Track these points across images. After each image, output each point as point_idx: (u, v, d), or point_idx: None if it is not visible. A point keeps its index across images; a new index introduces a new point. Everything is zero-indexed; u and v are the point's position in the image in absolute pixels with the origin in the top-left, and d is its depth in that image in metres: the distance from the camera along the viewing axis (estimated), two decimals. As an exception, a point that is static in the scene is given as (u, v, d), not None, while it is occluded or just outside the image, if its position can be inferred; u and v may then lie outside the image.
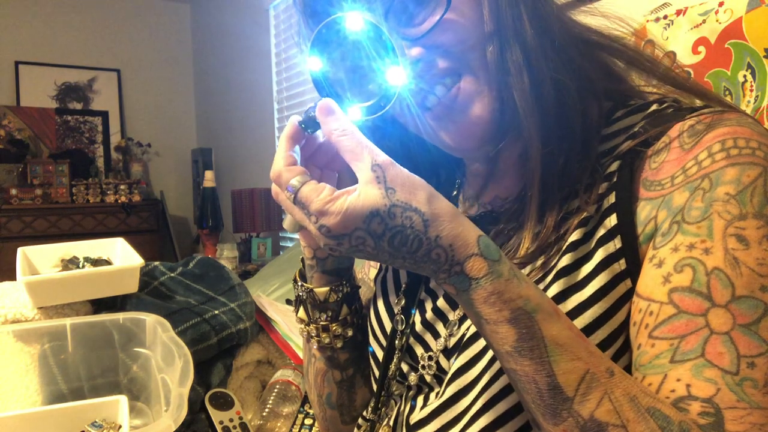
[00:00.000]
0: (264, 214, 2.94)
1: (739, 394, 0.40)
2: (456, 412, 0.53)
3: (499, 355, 0.44)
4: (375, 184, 0.42)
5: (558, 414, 0.41)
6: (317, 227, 0.43)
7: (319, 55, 0.50)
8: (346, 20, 0.47)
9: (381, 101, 0.49)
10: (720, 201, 0.45)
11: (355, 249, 0.44)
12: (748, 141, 0.47)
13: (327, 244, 0.44)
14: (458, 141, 0.55)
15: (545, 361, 0.41)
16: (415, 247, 0.42)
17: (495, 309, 0.42)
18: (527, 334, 0.42)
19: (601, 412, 0.40)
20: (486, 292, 0.42)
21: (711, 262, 0.44)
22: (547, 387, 0.41)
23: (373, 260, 0.47)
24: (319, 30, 0.49)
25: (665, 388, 0.43)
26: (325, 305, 0.63)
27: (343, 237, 0.43)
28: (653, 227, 0.48)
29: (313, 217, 0.43)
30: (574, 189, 0.53)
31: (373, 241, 0.43)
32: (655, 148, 0.51)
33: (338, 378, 0.68)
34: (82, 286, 1.02)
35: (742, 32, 0.97)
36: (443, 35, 0.51)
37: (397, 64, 0.47)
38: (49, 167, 3.64)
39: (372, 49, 0.48)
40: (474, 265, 0.42)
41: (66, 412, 0.81)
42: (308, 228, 0.45)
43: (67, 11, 3.95)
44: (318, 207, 0.43)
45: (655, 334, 0.44)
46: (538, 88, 0.51)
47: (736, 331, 0.41)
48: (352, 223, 0.42)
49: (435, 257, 0.43)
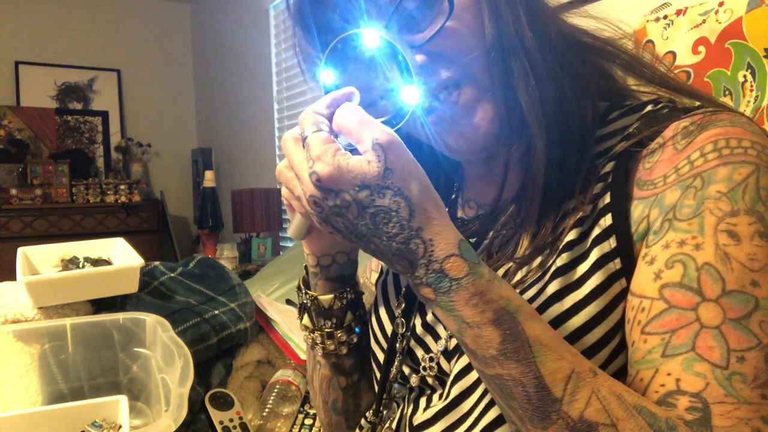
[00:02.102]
0: (264, 214, 2.94)
1: (728, 389, 0.40)
2: (460, 413, 0.53)
3: (481, 363, 0.43)
4: (375, 161, 0.42)
5: (547, 416, 0.41)
6: (310, 172, 0.43)
7: (333, 68, 0.50)
8: (363, 36, 0.47)
9: (394, 119, 0.49)
10: (712, 198, 0.45)
11: (336, 212, 0.43)
12: (740, 141, 0.47)
13: (312, 196, 0.43)
14: (462, 146, 0.55)
15: (531, 362, 0.41)
16: (396, 231, 0.42)
17: (477, 311, 0.42)
18: (511, 335, 0.42)
19: (590, 412, 0.40)
20: (468, 293, 0.42)
21: (701, 258, 0.44)
22: (535, 389, 0.41)
23: (347, 236, 0.45)
24: (335, 44, 0.49)
25: (655, 383, 0.43)
26: (330, 312, 0.63)
27: (330, 192, 0.42)
28: (646, 226, 0.48)
29: (311, 161, 0.43)
30: (570, 190, 0.53)
31: (357, 209, 0.42)
32: (650, 149, 0.51)
33: (344, 384, 0.69)
34: (82, 286, 1.01)
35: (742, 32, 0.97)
36: (445, 43, 0.52)
37: (411, 83, 0.47)
38: (49, 167, 3.65)
39: (387, 67, 0.48)
40: (454, 265, 0.42)
41: (66, 412, 0.81)
42: (300, 176, 0.44)
43: (67, 11, 3.95)
44: (318, 153, 0.43)
45: (647, 329, 0.45)
46: (541, 91, 0.51)
47: (726, 326, 0.41)
48: (342, 181, 0.42)
49: (413, 247, 0.42)
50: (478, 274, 0.42)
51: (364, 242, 0.45)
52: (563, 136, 0.53)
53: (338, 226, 0.45)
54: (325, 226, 0.46)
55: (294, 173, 0.46)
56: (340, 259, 0.62)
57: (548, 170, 0.52)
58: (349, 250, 0.63)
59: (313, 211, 0.45)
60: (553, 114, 0.52)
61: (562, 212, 0.53)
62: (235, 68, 3.67)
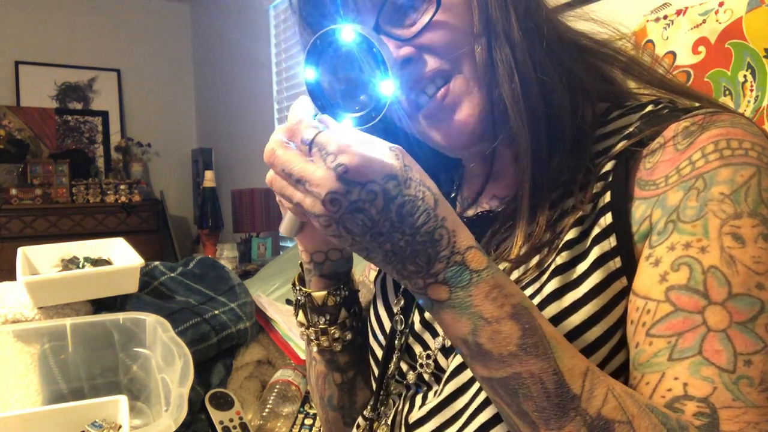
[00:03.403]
0: (264, 214, 2.94)
1: (735, 393, 0.40)
2: (454, 411, 0.53)
3: (497, 364, 0.41)
4: (393, 157, 0.42)
5: (566, 414, 0.40)
6: (334, 165, 0.40)
7: (314, 65, 0.50)
8: (339, 32, 0.48)
9: (372, 112, 0.49)
10: (715, 200, 0.45)
11: (358, 208, 0.40)
12: (741, 142, 0.47)
13: (332, 192, 0.40)
14: (449, 140, 0.55)
15: (551, 357, 0.41)
16: (423, 221, 0.41)
17: (497, 305, 0.41)
18: (530, 329, 0.41)
19: (607, 409, 0.40)
20: (488, 286, 0.41)
21: (707, 261, 0.44)
22: (554, 385, 0.40)
23: (360, 237, 0.42)
24: (314, 41, 0.50)
25: (662, 387, 0.43)
26: (324, 309, 0.63)
27: (355, 185, 0.40)
28: (648, 226, 0.48)
29: (331, 156, 0.40)
30: (569, 189, 0.53)
31: (383, 201, 0.40)
32: (650, 149, 0.51)
33: (339, 380, 0.69)
34: (82, 286, 1.02)
35: (742, 32, 0.97)
36: (434, 36, 0.52)
37: (387, 77, 0.48)
38: (49, 167, 3.64)
39: (363, 61, 0.49)
40: (475, 257, 0.42)
41: (66, 412, 0.81)
42: (309, 178, 0.41)
43: (67, 11, 3.95)
44: (341, 144, 0.40)
45: (653, 332, 0.45)
46: (525, 87, 0.51)
47: (733, 329, 0.42)
48: (370, 171, 0.40)
49: (438, 237, 0.41)
50: (495, 267, 0.42)
51: (379, 243, 0.42)
52: (551, 132, 0.53)
53: (353, 226, 0.41)
54: (334, 228, 0.42)
55: (293, 180, 0.43)
56: (333, 255, 0.62)
57: (535, 167, 0.52)
58: (341, 246, 0.63)
59: (327, 212, 0.41)
60: (539, 110, 0.52)
61: (560, 210, 0.53)
62: (235, 68, 3.66)
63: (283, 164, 0.43)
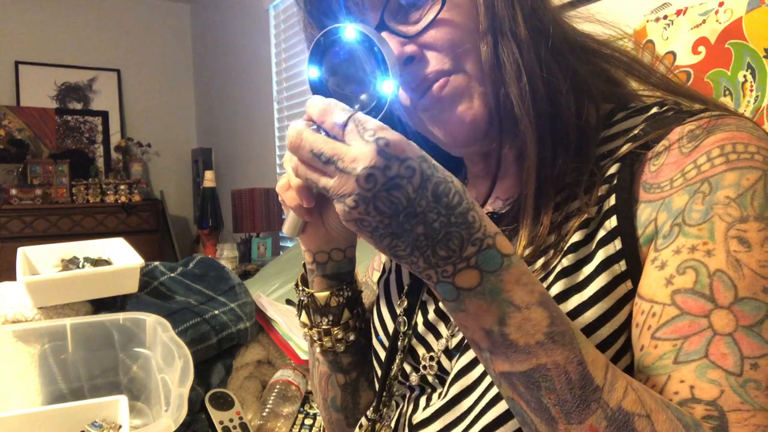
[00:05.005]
0: (264, 214, 2.94)
1: (743, 396, 0.40)
2: (459, 412, 0.53)
3: (522, 355, 0.40)
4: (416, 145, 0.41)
5: (587, 406, 0.39)
6: (375, 138, 0.39)
7: (317, 63, 0.51)
8: (342, 31, 0.48)
9: (373, 111, 0.49)
10: (720, 204, 0.45)
11: (396, 185, 0.38)
12: (746, 146, 0.47)
13: (369, 167, 0.38)
14: (449, 136, 0.55)
15: (576, 347, 0.40)
16: (456, 201, 0.40)
17: (527, 290, 0.40)
18: (558, 317, 0.40)
19: (627, 402, 0.39)
20: (518, 271, 0.40)
21: (713, 264, 0.44)
22: (579, 376, 0.39)
23: (397, 215, 0.39)
24: (318, 39, 0.50)
25: (669, 390, 0.43)
26: (326, 309, 0.63)
27: (395, 159, 0.38)
28: (653, 229, 0.48)
29: (370, 131, 0.39)
30: (573, 191, 0.53)
31: (419, 179, 0.39)
32: (655, 151, 0.51)
33: (342, 381, 0.69)
34: (82, 286, 1.02)
35: (742, 32, 0.97)
36: (438, 33, 0.52)
37: (387, 77, 0.48)
38: (49, 167, 3.65)
39: (365, 60, 0.49)
40: (504, 241, 0.41)
41: (66, 412, 0.81)
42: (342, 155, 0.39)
43: (67, 11, 3.95)
44: (376, 125, 0.40)
45: (659, 335, 0.44)
46: (532, 86, 0.51)
47: (739, 333, 0.41)
48: (409, 148, 0.39)
49: (471, 219, 0.40)
50: (517, 255, 0.42)
51: (411, 225, 0.39)
52: (557, 133, 0.53)
53: (386, 206, 0.39)
54: (362, 209, 0.39)
55: (322, 160, 0.40)
56: (335, 255, 0.62)
57: (540, 168, 0.52)
58: (344, 246, 0.63)
59: (360, 189, 0.39)
60: (545, 110, 0.52)
61: (565, 213, 0.53)
62: (235, 68, 3.66)
63: (311, 144, 0.41)
